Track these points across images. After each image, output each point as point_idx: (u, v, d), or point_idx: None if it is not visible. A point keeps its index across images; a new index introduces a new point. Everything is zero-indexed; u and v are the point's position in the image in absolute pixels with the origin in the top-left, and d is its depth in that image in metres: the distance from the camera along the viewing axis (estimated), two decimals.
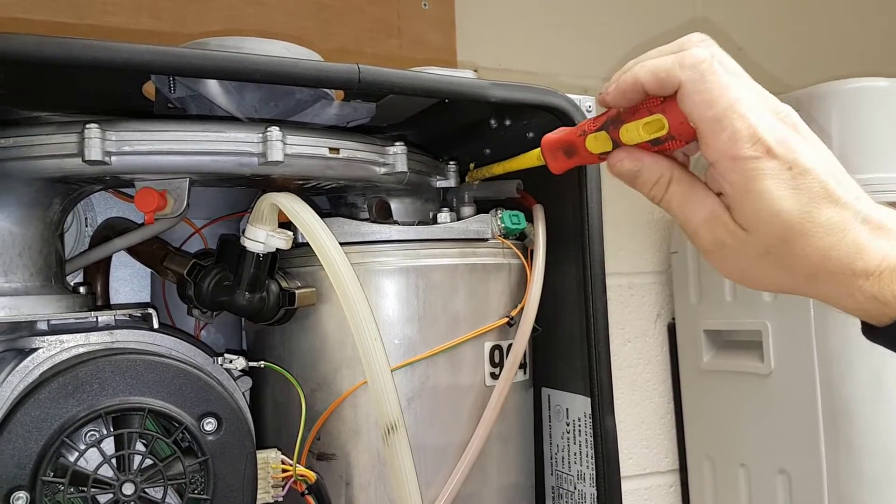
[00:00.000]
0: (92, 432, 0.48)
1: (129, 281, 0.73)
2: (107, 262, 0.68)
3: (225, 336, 0.70)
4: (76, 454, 0.48)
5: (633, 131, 0.45)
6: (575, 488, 0.67)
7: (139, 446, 0.49)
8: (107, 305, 0.68)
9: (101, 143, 0.48)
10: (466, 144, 0.74)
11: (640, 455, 1.20)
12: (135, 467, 0.48)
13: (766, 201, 0.42)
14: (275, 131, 0.52)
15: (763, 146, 0.41)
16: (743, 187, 0.42)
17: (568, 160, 0.51)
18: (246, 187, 0.65)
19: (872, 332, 0.46)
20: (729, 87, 0.42)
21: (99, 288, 0.68)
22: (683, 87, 0.42)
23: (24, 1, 0.84)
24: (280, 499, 0.54)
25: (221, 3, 0.90)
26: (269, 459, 0.54)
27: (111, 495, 0.48)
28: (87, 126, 0.48)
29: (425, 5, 1.03)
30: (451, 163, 0.70)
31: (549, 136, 0.52)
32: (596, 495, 0.63)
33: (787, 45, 1.36)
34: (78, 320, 0.55)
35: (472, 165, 0.68)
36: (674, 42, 0.44)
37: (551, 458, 0.71)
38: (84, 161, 0.48)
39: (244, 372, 0.60)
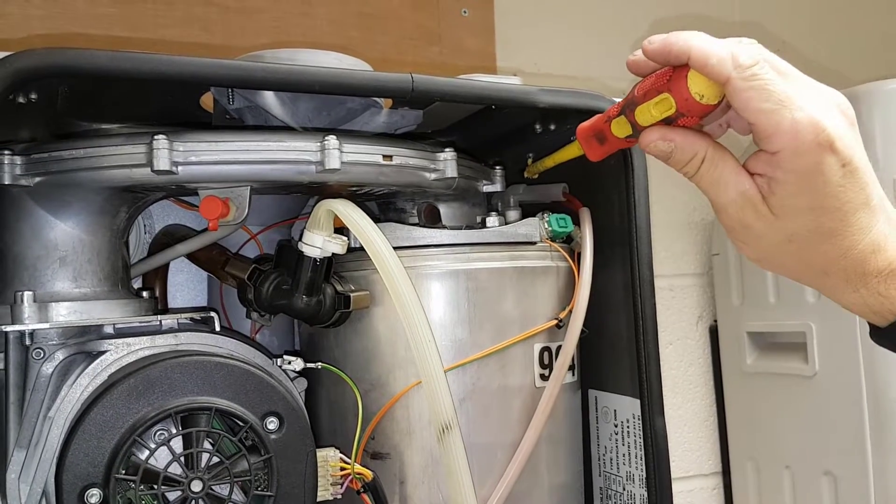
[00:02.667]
0: (161, 431, 0.50)
1: (185, 286, 0.75)
2: (165, 267, 0.70)
3: (279, 338, 0.72)
4: (147, 452, 0.50)
5: (646, 112, 0.46)
6: (624, 489, 0.68)
7: (206, 445, 0.51)
8: (165, 309, 0.70)
9: (168, 154, 0.50)
10: (510, 149, 0.75)
11: (683, 457, 1.20)
12: (202, 465, 0.50)
13: (813, 194, 0.43)
14: (332, 140, 0.54)
15: (827, 139, 0.42)
16: (796, 176, 0.42)
17: (601, 147, 0.52)
18: (301, 194, 0.67)
19: (878, 333, 0.48)
20: (781, 82, 0.42)
21: (157, 293, 0.70)
22: (732, 83, 0.42)
23: (81, 16, 0.87)
24: (339, 496, 0.56)
25: (269, 16, 0.92)
26: (328, 458, 0.55)
27: (179, 492, 0.50)
28: (156, 137, 0.51)
29: (465, 12, 1.05)
30: (498, 167, 0.71)
31: (583, 125, 0.53)
32: (646, 496, 0.64)
33: (828, 45, 1.35)
34: (142, 324, 0.57)
35: (529, 160, 0.70)
36: (726, 39, 0.44)
37: (599, 460, 0.71)
38: (153, 171, 0.51)
39: (299, 373, 0.62)
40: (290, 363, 0.58)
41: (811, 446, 1.03)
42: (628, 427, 0.67)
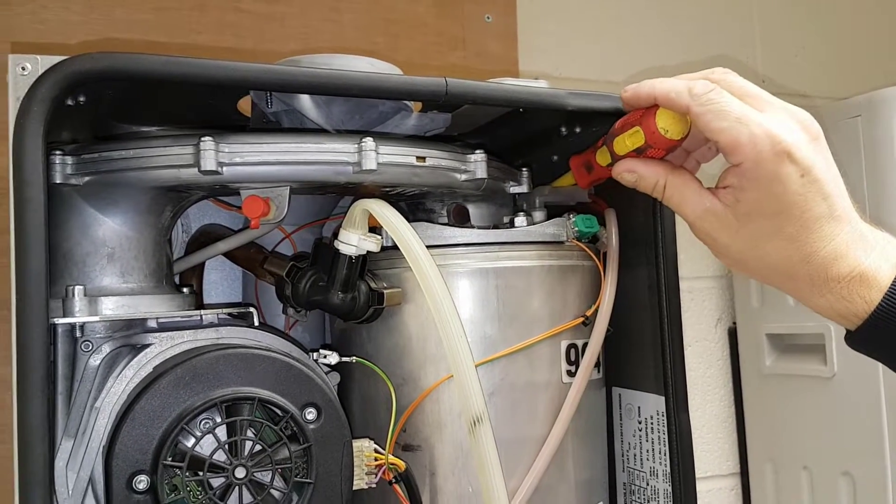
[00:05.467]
0: (206, 420, 0.52)
1: (219, 284, 0.77)
2: (202, 266, 0.73)
3: (310, 335, 0.74)
4: (193, 440, 0.52)
5: (621, 143, 0.54)
6: (647, 484, 0.69)
7: (249, 433, 0.53)
8: (205, 305, 0.72)
9: (215, 155, 0.53)
10: (535, 151, 0.76)
11: (701, 458, 1.21)
12: (246, 453, 0.52)
13: (774, 201, 0.47)
14: (369, 142, 0.56)
15: (785, 149, 0.46)
16: (758, 184, 0.47)
17: (589, 175, 0.60)
18: (336, 195, 0.69)
19: (850, 337, 0.51)
20: (737, 103, 0.48)
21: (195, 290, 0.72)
22: (692, 110, 0.49)
23: (118, 22, 0.89)
24: (373, 485, 0.58)
25: (298, 21, 0.95)
26: (363, 448, 0.57)
27: (223, 479, 0.52)
28: (203, 139, 0.53)
29: (488, 18, 1.07)
30: (524, 169, 0.73)
31: (576, 155, 0.61)
32: (670, 490, 0.65)
33: (847, 50, 1.36)
34: (184, 318, 0.59)
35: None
36: (698, 72, 0.52)
37: (623, 456, 0.73)
38: (200, 171, 0.53)
39: (332, 368, 0.63)
40: (325, 357, 0.60)
41: (829, 447, 1.04)
42: (652, 424, 0.68)
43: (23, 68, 0.50)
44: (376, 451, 0.58)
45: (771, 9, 1.32)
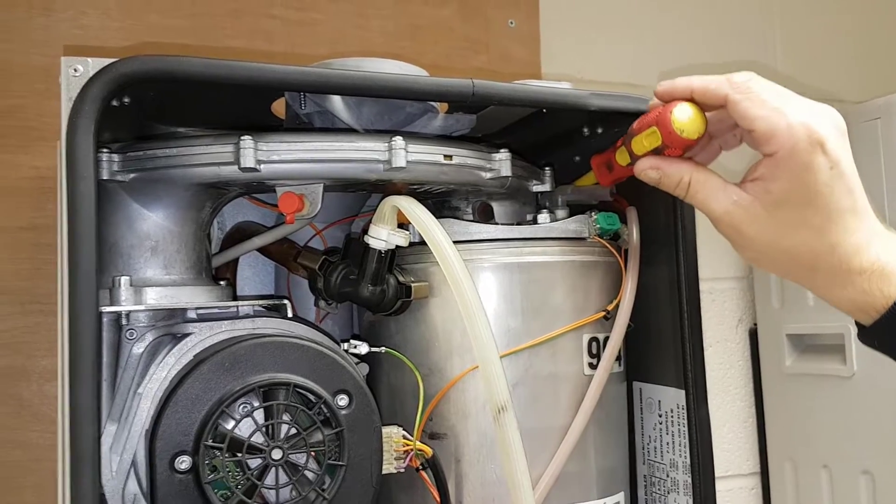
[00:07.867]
0: (244, 404, 0.55)
1: (252, 279, 0.80)
2: (236, 261, 0.76)
3: (339, 327, 0.76)
4: (232, 423, 0.54)
5: (639, 143, 0.55)
6: (667, 476, 0.71)
7: (285, 417, 0.55)
8: (241, 297, 0.75)
9: (253, 153, 0.55)
10: (557, 152, 0.78)
11: (722, 458, 1.22)
12: (282, 436, 0.55)
13: (804, 190, 0.49)
14: (399, 140, 0.58)
15: (819, 141, 0.48)
16: (790, 173, 0.48)
17: (609, 174, 0.62)
18: (367, 192, 0.72)
19: (864, 332, 0.52)
20: (774, 94, 0.49)
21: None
22: (730, 98, 0.50)
23: (154, 27, 0.93)
24: (402, 470, 0.60)
25: (327, 27, 0.98)
26: (392, 434, 0.60)
27: (260, 460, 0.54)
28: (242, 138, 0.56)
29: (511, 23, 1.09)
30: (547, 168, 0.75)
31: (597, 155, 0.63)
32: (690, 481, 0.67)
33: (867, 53, 1.36)
34: (222, 310, 0.62)
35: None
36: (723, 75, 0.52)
37: (643, 449, 0.74)
38: (239, 168, 0.56)
39: (360, 358, 0.66)
40: (356, 347, 0.63)
41: (849, 446, 1.05)
42: (672, 417, 0.70)
43: (75, 70, 0.53)
44: (404, 437, 0.61)
45: (792, 12, 1.33)
